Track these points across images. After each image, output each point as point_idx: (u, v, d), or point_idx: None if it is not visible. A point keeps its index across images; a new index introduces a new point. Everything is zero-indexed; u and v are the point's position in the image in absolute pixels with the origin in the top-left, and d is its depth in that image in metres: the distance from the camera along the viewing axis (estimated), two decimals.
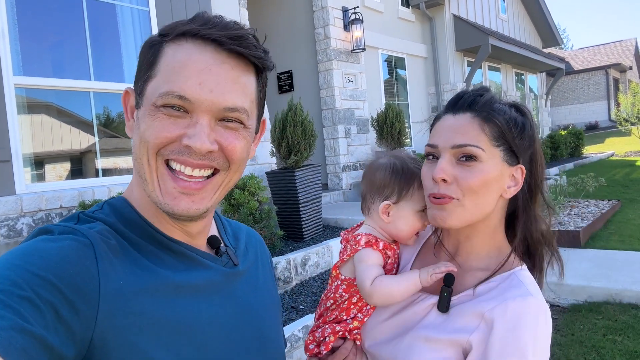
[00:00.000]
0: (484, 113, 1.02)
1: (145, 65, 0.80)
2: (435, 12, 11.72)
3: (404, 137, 7.44)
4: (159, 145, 0.76)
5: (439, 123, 1.10)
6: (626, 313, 3.84)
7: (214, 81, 0.76)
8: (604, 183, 7.60)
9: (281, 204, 5.33)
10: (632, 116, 17.04)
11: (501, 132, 1.01)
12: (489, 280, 1.01)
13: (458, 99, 1.08)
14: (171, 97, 0.75)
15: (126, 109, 0.86)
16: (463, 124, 1.03)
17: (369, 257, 1.14)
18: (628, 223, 6.66)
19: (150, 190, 0.79)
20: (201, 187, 0.79)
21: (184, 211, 0.78)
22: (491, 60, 13.72)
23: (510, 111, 1.05)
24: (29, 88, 4.11)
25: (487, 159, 1.00)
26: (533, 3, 15.99)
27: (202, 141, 0.75)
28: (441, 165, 1.01)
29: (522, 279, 0.99)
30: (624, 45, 30.31)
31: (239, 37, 0.78)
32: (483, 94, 1.07)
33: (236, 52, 0.78)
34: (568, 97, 29.12)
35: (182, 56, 0.76)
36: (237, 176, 0.85)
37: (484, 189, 1.00)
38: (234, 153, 0.80)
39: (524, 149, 1.04)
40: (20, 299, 0.59)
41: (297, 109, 5.37)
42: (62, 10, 4.37)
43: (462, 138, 1.01)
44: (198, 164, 0.77)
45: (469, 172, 1.00)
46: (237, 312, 0.88)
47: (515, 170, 1.04)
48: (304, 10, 8.67)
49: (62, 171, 4.42)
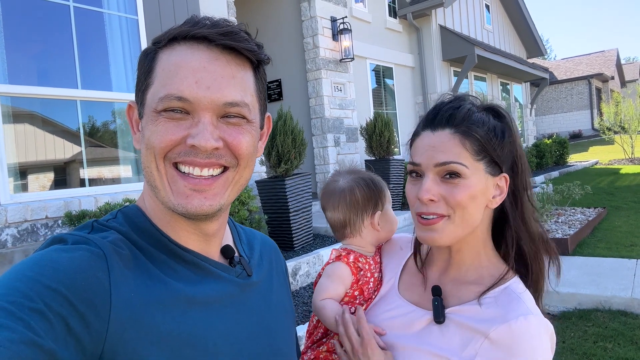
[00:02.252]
0: (463, 128, 1.01)
1: (143, 75, 0.80)
2: (422, 23, 11.85)
3: (392, 145, 7.46)
4: (164, 150, 0.76)
5: (419, 140, 1.08)
6: (616, 320, 3.86)
7: (210, 78, 0.75)
8: (589, 191, 7.70)
9: (271, 213, 5.29)
10: (615, 125, 17.35)
11: (482, 145, 1.01)
12: (485, 295, 1.00)
13: (435, 114, 1.06)
14: (170, 100, 0.74)
15: (131, 122, 0.85)
16: (443, 141, 1.02)
17: (335, 271, 1.20)
18: (614, 230, 6.74)
19: (163, 196, 0.78)
20: (212, 182, 0.78)
21: (197, 209, 0.77)
22: (477, 70, 13.89)
23: (488, 120, 1.04)
24: (14, 97, 4.04)
25: (470, 174, 1.00)
26: (517, 14, 16.26)
27: (206, 139, 0.74)
28: (426, 186, 1.01)
29: (519, 293, 0.99)
30: (605, 56, 30.96)
31: (230, 32, 0.77)
32: (460, 106, 1.05)
33: (229, 47, 0.77)
34: (552, 106, 29.59)
35: (176, 58, 0.76)
36: (248, 172, 0.84)
37: (472, 203, 1.00)
38: (240, 148, 0.79)
39: (505, 158, 1.04)
40: (31, 311, 0.59)
41: (287, 118, 5.36)
42: (50, 19, 4.32)
43: (444, 156, 1.00)
44: (205, 162, 0.76)
45: (455, 189, 1.00)
46: (250, 325, 0.86)
47: (500, 180, 1.04)
48: (293, 19, 8.69)
49: (46, 181, 4.34)
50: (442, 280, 1.10)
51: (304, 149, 5.43)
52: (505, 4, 15.99)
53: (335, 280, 1.19)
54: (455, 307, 1.02)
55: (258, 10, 9.23)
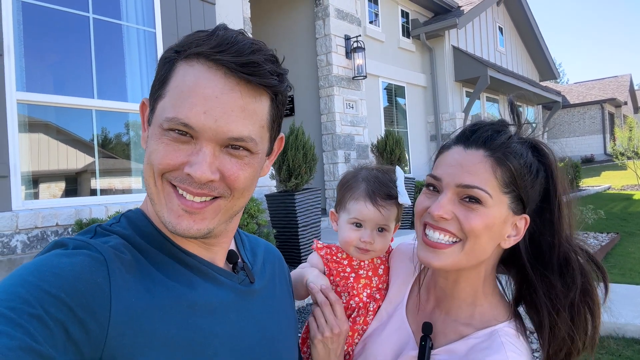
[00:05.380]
0: (498, 154, 0.93)
1: (158, 82, 0.79)
2: (435, 43, 11.92)
3: (403, 163, 7.45)
4: (162, 170, 0.76)
5: (447, 153, 1.00)
6: (630, 348, 3.76)
7: (220, 110, 0.73)
8: (603, 216, 7.60)
9: (280, 228, 5.27)
10: (628, 150, 17.18)
11: (513, 178, 0.92)
12: (469, 336, 0.94)
13: (473, 132, 0.98)
14: (176, 123, 0.74)
15: (143, 119, 0.85)
16: (474, 162, 0.94)
17: (310, 259, 1.29)
18: (628, 256, 6.61)
19: (158, 210, 0.79)
20: (203, 207, 0.77)
21: (185, 231, 0.77)
22: (489, 92, 13.90)
23: (527, 154, 0.96)
24: (31, 105, 4.10)
25: (492, 204, 0.92)
26: (530, 37, 16.32)
27: (202, 171, 0.73)
28: (442, 202, 0.93)
29: (503, 341, 0.90)
30: (619, 81, 30.87)
31: (252, 63, 0.74)
32: (501, 130, 0.97)
33: (247, 80, 0.75)
34: (564, 130, 29.44)
35: (191, 79, 0.74)
36: (242, 201, 0.83)
37: (486, 234, 0.92)
38: (236, 182, 0.78)
39: (533, 199, 0.96)
40: (30, 317, 0.59)
41: (299, 133, 5.38)
42: (69, 29, 4.41)
43: (471, 178, 0.92)
44: (198, 192, 0.76)
45: (471, 214, 0.92)
46: (251, 331, 0.85)
47: (520, 220, 0.96)
48: (307, 36, 8.80)
49: (58, 190, 4.37)
50: (435, 313, 1.05)
51: (314, 164, 5.43)
52: (519, 27, 16.06)
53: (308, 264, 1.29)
54: (441, 347, 0.97)
55: (273, 27, 9.36)
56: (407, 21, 11.52)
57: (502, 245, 0.97)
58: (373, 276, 1.23)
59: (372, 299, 1.21)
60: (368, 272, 1.23)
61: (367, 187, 1.20)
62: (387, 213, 1.19)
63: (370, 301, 1.20)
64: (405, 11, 11.47)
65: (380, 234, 1.21)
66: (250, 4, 6.84)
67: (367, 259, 1.23)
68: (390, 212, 1.20)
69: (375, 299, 1.21)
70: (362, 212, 1.19)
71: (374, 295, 1.21)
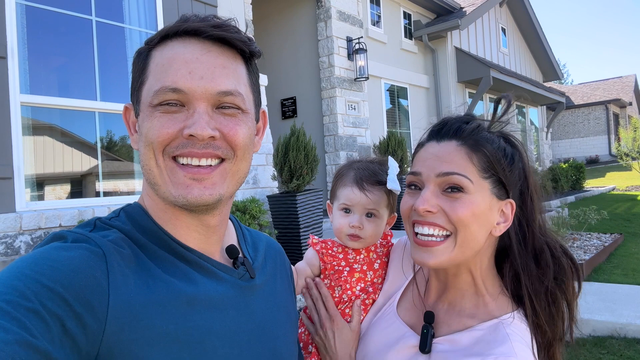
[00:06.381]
0: (470, 141, 0.95)
1: (137, 73, 0.82)
2: (438, 45, 11.92)
3: (405, 165, 7.45)
4: (162, 144, 0.77)
5: (422, 150, 1.02)
6: (631, 348, 3.75)
7: (203, 68, 0.77)
8: (606, 216, 7.57)
9: (282, 229, 5.29)
10: (632, 151, 17.09)
11: (490, 162, 0.94)
12: (473, 327, 0.94)
13: (442, 126, 1.01)
14: (165, 92, 0.76)
15: (128, 124, 0.87)
16: (449, 151, 0.96)
17: (306, 255, 1.33)
18: (631, 257, 6.59)
19: (163, 191, 0.79)
20: (210, 171, 0.79)
21: (197, 198, 0.77)
22: (492, 92, 13.87)
23: (499, 141, 0.98)
24: (35, 107, 4.14)
25: (474, 190, 0.93)
26: (534, 38, 16.28)
27: (202, 127, 0.75)
28: (425, 196, 0.94)
29: (509, 332, 0.90)
30: (623, 82, 30.70)
31: (221, 25, 0.79)
32: (469, 121, 1.00)
33: (220, 38, 0.79)
34: (568, 131, 29.32)
35: (169, 53, 0.78)
36: (245, 165, 0.85)
37: (474, 222, 0.93)
38: (236, 138, 0.80)
39: (514, 182, 0.97)
40: (27, 310, 0.58)
41: (300, 134, 5.40)
42: (73, 32, 4.44)
43: (448, 166, 0.94)
44: (203, 152, 0.77)
45: (456, 203, 0.92)
46: (251, 328, 0.85)
47: (505, 205, 0.97)
48: (309, 38, 8.82)
49: (62, 193, 4.40)
50: (438, 305, 1.05)
51: (316, 165, 5.45)
52: (522, 27, 16.02)
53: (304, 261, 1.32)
54: (444, 337, 0.97)
55: (275, 29, 9.39)
56: (410, 22, 11.52)
57: (493, 234, 0.98)
58: (368, 270, 1.25)
59: (365, 292, 1.22)
60: (363, 267, 1.24)
61: (355, 174, 1.26)
62: (374, 197, 1.22)
63: (363, 294, 1.22)
64: (407, 13, 11.47)
65: (369, 219, 1.23)
66: (252, 6, 6.87)
67: (360, 247, 1.25)
68: (378, 198, 1.22)
69: (368, 293, 1.22)
70: (349, 197, 1.24)
71: (367, 289, 1.22)
